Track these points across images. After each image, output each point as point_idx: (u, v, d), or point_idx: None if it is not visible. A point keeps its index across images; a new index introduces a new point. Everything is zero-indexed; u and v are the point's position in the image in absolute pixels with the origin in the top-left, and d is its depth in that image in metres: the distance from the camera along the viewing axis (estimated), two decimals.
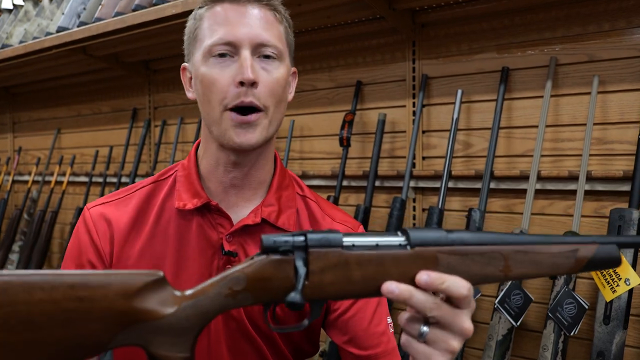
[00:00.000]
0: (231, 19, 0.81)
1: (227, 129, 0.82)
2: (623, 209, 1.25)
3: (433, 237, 0.62)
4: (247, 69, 0.79)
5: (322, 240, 0.59)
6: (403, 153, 1.73)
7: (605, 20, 1.41)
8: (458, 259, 0.61)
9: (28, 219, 2.82)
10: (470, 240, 0.62)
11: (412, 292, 0.59)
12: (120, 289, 0.56)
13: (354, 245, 0.60)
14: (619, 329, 1.22)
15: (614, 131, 1.40)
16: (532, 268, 0.63)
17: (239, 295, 0.59)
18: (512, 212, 1.54)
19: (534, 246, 0.63)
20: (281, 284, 0.59)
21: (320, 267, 0.59)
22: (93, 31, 1.97)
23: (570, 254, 0.63)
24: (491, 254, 0.62)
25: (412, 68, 1.71)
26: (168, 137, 2.43)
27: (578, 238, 0.64)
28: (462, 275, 0.61)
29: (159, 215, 0.89)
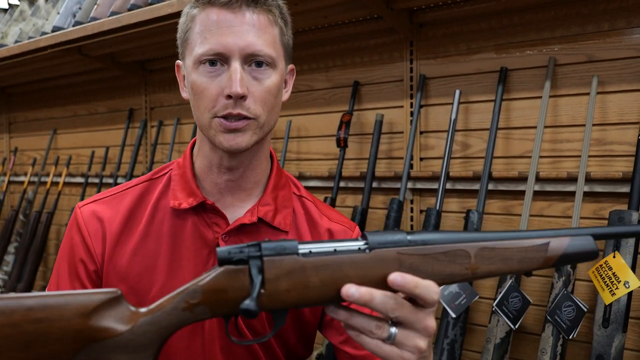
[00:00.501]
0: (222, 27, 0.79)
1: (216, 134, 0.81)
2: (622, 211, 1.24)
3: (392, 239, 0.61)
4: (236, 82, 0.77)
5: (277, 248, 0.59)
6: (401, 154, 1.72)
7: (605, 20, 1.39)
8: (420, 258, 0.60)
9: (24, 220, 2.80)
10: (432, 240, 0.61)
11: (373, 294, 0.58)
12: (76, 308, 0.57)
13: (311, 251, 0.60)
14: (618, 332, 1.20)
15: (613, 132, 1.38)
16: (501, 264, 0.62)
17: (195, 308, 0.59)
18: (510, 213, 1.53)
19: (501, 242, 0.62)
20: (237, 295, 0.59)
21: (275, 274, 0.58)
22: (88, 31, 1.95)
23: (540, 247, 0.62)
24: (455, 251, 0.61)
25: (409, 68, 1.70)
26: (164, 137, 2.41)
27: (549, 232, 0.63)
28: (426, 274, 0.60)
29: (152, 214, 0.88)
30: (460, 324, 1.40)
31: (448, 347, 1.39)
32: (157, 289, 0.84)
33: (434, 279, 0.60)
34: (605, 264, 1.23)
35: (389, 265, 0.60)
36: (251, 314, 0.56)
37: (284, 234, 0.89)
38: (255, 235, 0.88)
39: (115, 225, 0.87)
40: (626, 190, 1.32)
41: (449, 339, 1.39)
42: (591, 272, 1.26)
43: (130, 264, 0.86)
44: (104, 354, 0.58)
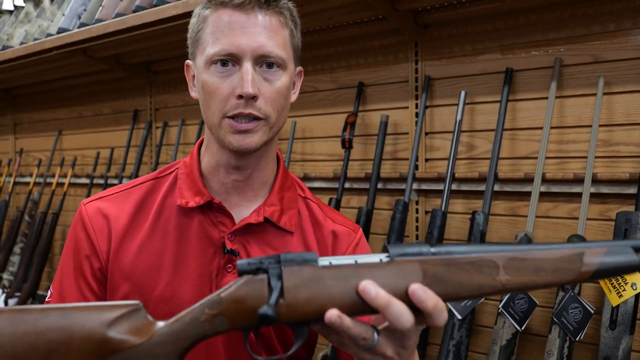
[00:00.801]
0: (234, 28, 0.80)
1: (226, 134, 0.82)
2: (629, 212, 1.23)
3: (413, 250, 0.59)
4: (247, 83, 0.78)
5: (296, 258, 0.58)
6: (406, 155, 1.72)
7: (611, 21, 1.39)
8: (444, 268, 0.58)
9: (29, 220, 2.81)
10: (456, 251, 0.59)
11: (391, 302, 0.56)
12: (98, 319, 0.58)
13: (331, 263, 0.58)
14: (625, 334, 1.20)
15: (619, 133, 1.38)
16: (533, 276, 0.58)
17: (215, 319, 0.59)
18: (516, 214, 1.52)
19: (532, 252, 0.59)
20: (256, 305, 0.57)
21: (294, 283, 0.57)
22: (93, 32, 1.96)
23: (575, 257, 0.59)
24: (481, 261, 0.58)
25: (414, 69, 1.69)
26: (169, 138, 2.41)
27: (584, 243, 0.60)
28: (453, 286, 0.58)
29: (159, 212, 0.88)
30: (466, 325, 1.40)
31: (454, 348, 1.39)
32: (162, 287, 0.84)
33: (460, 290, 0.58)
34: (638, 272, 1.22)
35: (411, 275, 0.58)
36: (269, 320, 0.55)
37: (289, 235, 0.90)
38: (261, 235, 0.88)
39: (120, 223, 0.87)
40: (633, 192, 1.31)
41: (454, 341, 1.39)
42: None
43: (136, 262, 0.86)
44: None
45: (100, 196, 0.91)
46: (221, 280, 0.85)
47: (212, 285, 0.85)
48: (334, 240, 0.93)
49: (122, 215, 0.88)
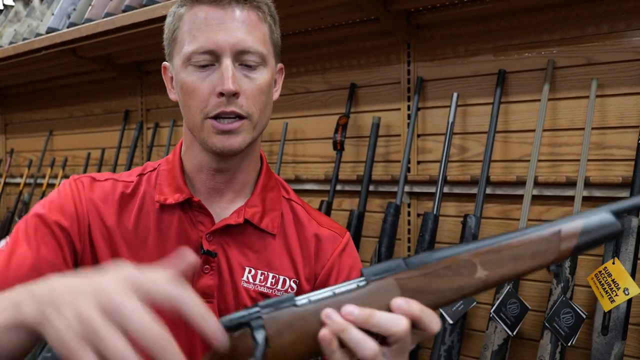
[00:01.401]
0: (211, 24, 0.77)
1: (209, 136, 0.79)
2: (622, 216, 1.22)
3: (387, 267, 0.57)
4: (228, 79, 0.76)
5: (274, 303, 0.56)
6: (398, 157, 1.70)
7: (604, 23, 1.38)
8: (421, 279, 0.56)
9: None
10: (430, 258, 0.57)
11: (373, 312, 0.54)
12: None
13: (310, 300, 0.56)
14: (617, 340, 1.19)
15: (612, 136, 1.37)
16: (512, 265, 0.56)
17: None
18: (508, 218, 1.51)
19: (504, 242, 0.57)
20: (246, 358, 0.55)
21: (276, 329, 0.55)
22: (83, 32, 1.93)
23: (552, 237, 0.56)
24: (457, 263, 0.56)
25: (407, 70, 1.68)
26: (160, 139, 2.39)
27: (558, 220, 0.57)
28: (433, 295, 0.56)
29: (139, 209, 0.86)
30: (457, 330, 1.39)
31: (445, 353, 1.37)
32: None
33: (442, 296, 0.57)
34: (605, 270, 1.21)
35: (389, 293, 0.56)
36: None
37: (271, 237, 0.87)
38: (240, 237, 0.86)
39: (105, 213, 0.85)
40: (626, 195, 1.30)
41: (446, 346, 1.38)
42: (590, 279, 1.24)
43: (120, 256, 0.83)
44: None
45: (91, 176, 0.88)
46: (197, 281, 0.82)
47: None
48: (317, 244, 0.90)
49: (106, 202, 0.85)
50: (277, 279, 0.86)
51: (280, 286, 0.86)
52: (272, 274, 0.86)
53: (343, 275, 0.89)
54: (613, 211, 0.56)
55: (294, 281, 0.87)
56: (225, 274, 0.84)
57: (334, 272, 0.89)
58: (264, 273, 0.86)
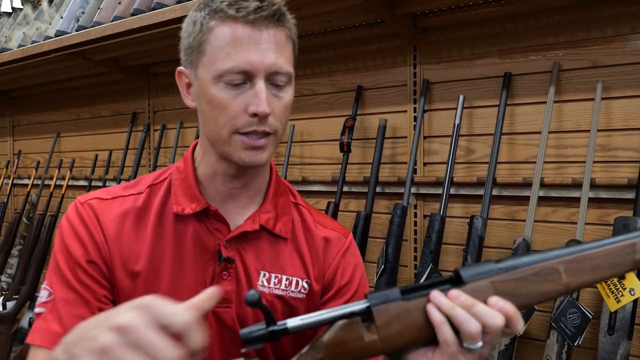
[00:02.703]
0: (246, 44, 0.77)
1: (235, 150, 0.81)
2: (628, 217, 1.24)
3: (483, 269, 0.64)
4: (263, 102, 0.77)
5: (381, 297, 0.63)
6: (404, 159, 1.72)
7: (609, 26, 1.39)
8: (513, 283, 0.63)
9: (27, 222, 2.80)
10: (520, 263, 0.64)
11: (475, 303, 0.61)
12: None
13: (412, 294, 0.64)
14: (623, 340, 1.20)
15: (618, 138, 1.38)
16: (592, 274, 0.64)
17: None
18: (514, 219, 1.53)
19: (587, 252, 0.64)
20: (356, 344, 0.63)
21: (384, 321, 0.63)
22: (92, 35, 1.95)
23: (628, 249, 0.64)
24: (545, 270, 0.64)
25: (413, 73, 1.69)
26: (167, 141, 2.41)
27: (633, 233, 0.65)
28: (522, 297, 0.63)
29: (156, 219, 0.87)
30: None
31: None
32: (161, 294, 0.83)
33: (529, 300, 0.63)
34: None
35: (484, 294, 0.63)
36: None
37: (283, 241, 0.90)
38: (255, 242, 0.87)
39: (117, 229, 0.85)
40: (631, 197, 1.31)
41: None
42: None
43: (137, 268, 0.84)
44: None
45: (97, 197, 0.88)
46: None
47: None
48: (325, 246, 0.93)
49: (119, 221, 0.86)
50: (290, 280, 0.88)
51: (293, 287, 0.88)
52: (285, 277, 0.88)
53: (348, 273, 0.93)
54: None
55: (306, 282, 0.90)
56: (242, 279, 0.86)
57: (339, 270, 0.93)
58: (278, 276, 0.88)
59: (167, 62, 2.36)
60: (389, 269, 1.55)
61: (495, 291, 0.63)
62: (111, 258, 0.85)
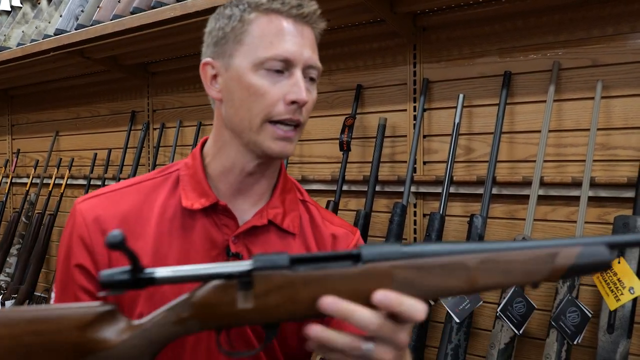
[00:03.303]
0: (290, 36, 0.81)
1: (265, 139, 0.82)
2: (627, 216, 1.24)
3: (386, 251, 0.58)
4: (302, 90, 0.80)
5: (266, 262, 0.58)
6: (404, 158, 1.72)
7: (609, 25, 1.39)
8: (415, 272, 0.58)
9: (26, 221, 2.80)
10: (428, 251, 0.58)
11: (353, 310, 0.57)
12: (74, 321, 0.60)
13: (301, 265, 0.59)
14: (623, 338, 1.20)
15: (618, 137, 1.38)
16: (502, 277, 0.58)
17: (187, 322, 0.60)
18: (514, 218, 1.53)
19: (503, 253, 0.58)
20: (228, 309, 0.59)
21: (264, 289, 0.58)
22: (91, 34, 1.95)
23: (547, 258, 0.58)
24: (453, 264, 0.58)
25: (413, 72, 1.69)
26: (167, 140, 2.41)
27: (558, 241, 0.59)
28: (422, 289, 0.58)
29: (162, 213, 0.87)
30: (464, 329, 1.40)
31: (452, 352, 1.39)
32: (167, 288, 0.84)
33: (429, 293, 0.58)
34: (610, 269, 1.23)
35: (380, 279, 0.58)
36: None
37: (291, 237, 0.90)
38: (263, 238, 0.88)
39: (117, 223, 0.85)
40: (631, 195, 1.31)
41: (452, 344, 1.39)
42: (596, 278, 1.26)
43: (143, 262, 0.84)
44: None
45: (95, 194, 0.89)
46: None
47: None
48: (333, 242, 0.93)
49: (119, 217, 0.86)
50: None
51: None
52: None
53: None
54: (609, 244, 0.59)
55: None
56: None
57: None
58: None
59: (166, 60, 2.35)
60: None
61: (394, 279, 0.58)
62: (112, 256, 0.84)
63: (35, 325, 0.59)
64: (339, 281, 0.58)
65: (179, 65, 2.31)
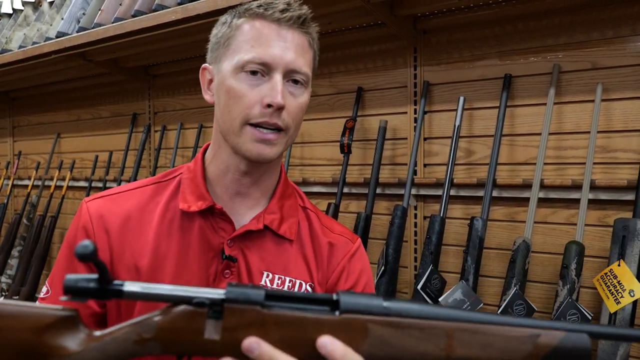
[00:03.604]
0: (270, 39, 0.82)
1: (245, 142, 0.83)
2: (627, 219, 1.24)
3: (365, 303, 0.57)
4: (278, 93, 0.80)
5: (240, 295, 0.56)
6: (404, 160, 1.72)
7: (609, 28, 1.39)
8: (392, 331, 0.56)
9: (27, 223, 2.81)
10: (409, 312, 0.57)
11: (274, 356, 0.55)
12: (29, 321, 0.57)
13: (276, 304, 0.57)
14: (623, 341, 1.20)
15: (618, 139, 1.38)
16: (479, 351, 0.56)
17: (147, 343, 0.57)
18: (514, 220, 1.53)
19: (485, 326, 0.57)
20: (193, 337, 0.56)
21: (234, 323, 0.56)
22: (92, 37, 1.96)
23: (528, 339, 0.56)
24: (432, 329, 0.56)
25: (413, 74, 1.70)
26: (168, 142, 2.41)
27: (542, 322, 0.57)
28: (395, 350, 0.56)
29: (163, 215, 0.89)
30: None
31: None
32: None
33: (402, 355, 0.57)
34: (610, 272, 1.23)
35: (356, 332, 0.56)
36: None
37: (288, 243, 0.90)
38: (259, 242, 0.88)
39: (121, 224, 0.88)
40: (631, 198, 1.32)
41: None
42: (596, 280, 1.26)
43: (142, 263, 0.86)
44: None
45: (103, 195, 0.91)
46: (218, 285, 0.85)
47: None
48: (330, 250, 0.93)
49: (123, 217, 0.88)
50: (293, 282, 0.89)
51: (296, 289, 0.89)
52: (288, 278, 0.89)
53: (352, 278, 0.93)
54: (592, 334, 0.57)
55: (310, 285, 0.90)
56: (244, 278, 0.87)
57: (343, 274, 0.93)
58: (281, 277, 0.88)
59: (167, 63, 2.36)
60: (389, 270, 1.56)
61: (368, 334, 0.56)
62: (113, 254, 0.86)
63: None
64: (312, 327, 0.56)
65: (180, 68, 2.32)
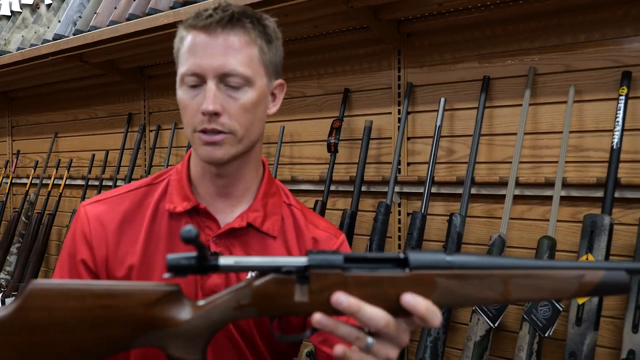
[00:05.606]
0: (199, 49, 0.84)
1: (198, 147, 0.87)
2: (595, 215, 1.30)
3: (431, 259, 0.64)
4: (208, 100, 0.83)
5: (322, 261, 0.63)
6: (389, 159, 1.78)
7: (582, 32, 1.45)
8: (456, 282, 0.63)
9: (26, 221, 2.86)
10: (470, 264, 0.64)
11: (361, 307, 0.62)
12: (140, 299, 0.66)
13: (354, 265, 0.64)
14: (590, 330, 1.26)
15: (589, 139, 1.44)
16: (533, 292, 0.64)
17: (245, 308, 0.66)
18: (492, 216, 1.59)
19: (537, 271, 0.64)
20: (284, 302, 0.64)
21: (319, 287, 0.63)
22: (88, 39, 2.02)
23: (574, 280, 0.64)
24: (491, 278, 0.63)
25: (397, 76, 1.76)
26: (162, 141, 2.47)
27: (585, 263, 0.65)
28: (460, 298, 0.64)
29: (153, 216, 0.93)
30: (443, 322, 1.46)
31: (431, 344, 1.45)
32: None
33: (467, 302, 0.64)
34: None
35: (426, 286, 0.63)
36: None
37: (272, 239, 0.95)
38: (244, 239, 0.93)
39: (116, 227, 0.93)
40: (601, 195, 1.38)
41: (432, 337, 1.45)
42: None
43: (134, 263, 0.91)
44: (163, 339, 0.66)
45: (98, 199, 0.96)
46: (205, 281, 0.90)
47: (197, 285, 0.90)
48: (314, 246, 0.98)
49: (118, 219, 0.93)
50: None
51: None
52: None
53: None
54: (629, 270, 0.66)
55: None
56: (231, 274, 0.92)
57: None
58: None
59: (162, 64, 2.42)
60: None
61: (437, 286, 0.63)
62: (109, 254, 0.92)
63: (104, 300, 0.65)
64: (387, 285, 0.64)
65: (174, 69, 2.37)
